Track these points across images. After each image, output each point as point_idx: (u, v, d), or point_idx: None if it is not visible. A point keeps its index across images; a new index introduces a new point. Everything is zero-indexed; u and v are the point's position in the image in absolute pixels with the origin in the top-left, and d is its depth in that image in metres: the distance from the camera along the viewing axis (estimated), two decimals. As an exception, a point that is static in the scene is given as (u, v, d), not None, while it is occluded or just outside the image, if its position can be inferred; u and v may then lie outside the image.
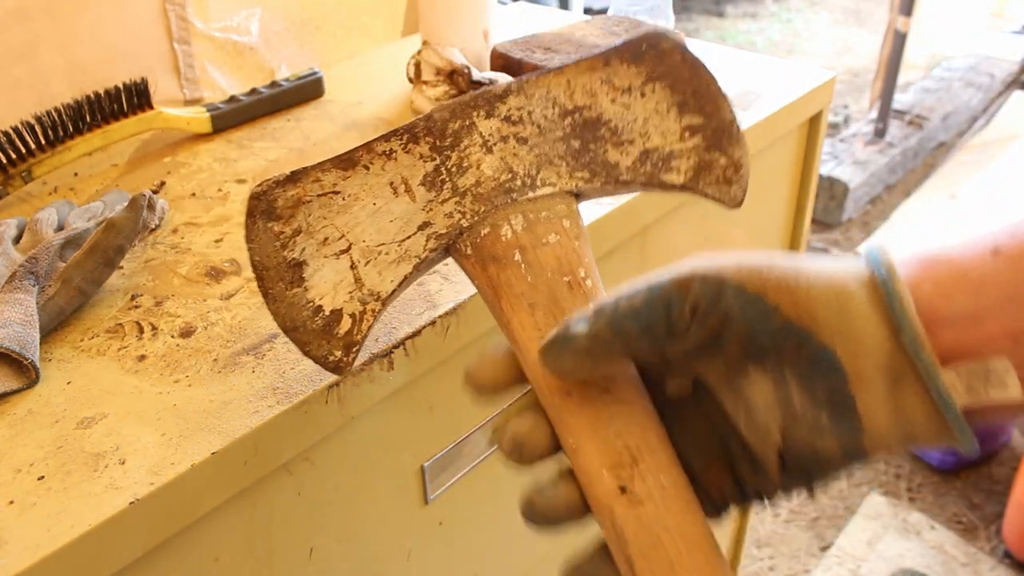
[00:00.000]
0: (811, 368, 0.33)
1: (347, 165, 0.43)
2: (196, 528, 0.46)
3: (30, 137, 0.70)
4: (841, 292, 0.33)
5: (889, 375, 0.33)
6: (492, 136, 0.43)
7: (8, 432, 0.47)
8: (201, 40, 0.87)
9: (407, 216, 0.42)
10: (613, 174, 0.43)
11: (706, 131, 0.44)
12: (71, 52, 0.78)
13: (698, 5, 4.59)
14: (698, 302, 0.33)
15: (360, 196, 0.43)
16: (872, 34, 4.15)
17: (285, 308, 0.43)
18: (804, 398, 0.34)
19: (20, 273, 0.54)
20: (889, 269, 0.33)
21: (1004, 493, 1.84)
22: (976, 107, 3.07)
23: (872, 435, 0.34)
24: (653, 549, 0.34)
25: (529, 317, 0.38)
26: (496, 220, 0.41)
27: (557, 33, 0.86)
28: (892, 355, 0.33)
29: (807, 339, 0.33)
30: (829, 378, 0.33)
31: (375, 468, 0.57)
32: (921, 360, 0.32)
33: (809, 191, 0.95)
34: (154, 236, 0.65)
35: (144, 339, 0.54)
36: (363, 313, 0.43)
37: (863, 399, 0.33)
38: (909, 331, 0.32)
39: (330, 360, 0.43)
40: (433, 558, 0.66)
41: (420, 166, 0.43)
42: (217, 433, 0.46)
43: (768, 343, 0.33)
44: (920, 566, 1.70)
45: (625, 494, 0.34)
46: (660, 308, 0.33)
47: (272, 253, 0.43)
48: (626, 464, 0.35)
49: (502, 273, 0.40)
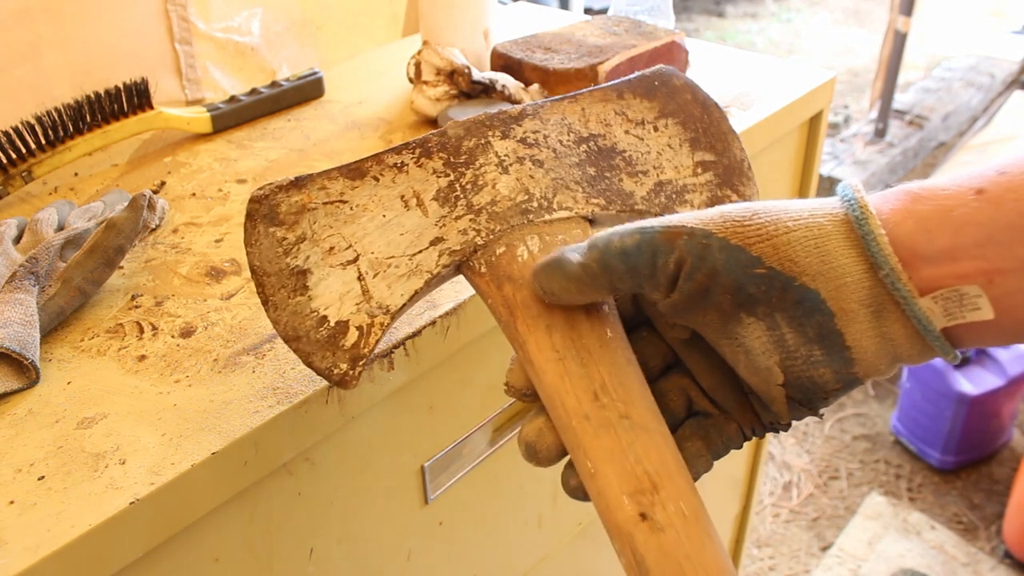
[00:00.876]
0: (798, 310, 0.35)
1: (355, 175, 0.42)
2: (196, 528, 0.46)
3: (30, 137, 0.70)
4: (819, 234, 0.35)
5: (871, 307, 0.35)
6: (508, 156, 0.43)
7: (8, 432, 0.47)
8: (202, 40, 0.87)
9: (419, 230, 0.42)
10: (628, 203, 0.43)
11: (717, 168, 0.45)
12: (73, 53, 0.78)
13: (698, 5, 4.59)
14: (684, 257, 0.35)
15: (369, 207, 0.42)
16: (872, 34, 4.14)
17: (287, 316, 0.41)
18: (796, 337, 0.36)
19: (20, 273, 0.54)
20: (863, 208, 0.35)
21: (1004, 493, 1.84)
22: (976, 107, 3.07)
23: (862, 363, 0.36)
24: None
25: (547, 338, 0.38)
26: (512, 240, 0.41)
27: (557, 33, 0.86)
28: (872, 289, 0.35)
29: (791, 284, 0.35)
30: (816, 317, 0.35)
31: (375, 468, 0.57)
32: (899, 291, 0.34)
33: (809, 191, 0.95)
34: (154, 236, 0.65)
35: (144, 339, 0.54)
36: (371, 326, 0.41)
37: (850, 332, 0.35)
38: (885, 266, 0.34)
39: (335, 373, 0.41)
40: (433, 558, 0.66)
41: (433, 181, 0.42)
42: (217, 433, 0.46)
43: (755, 291, 0.35)
44: (920, 566, 1.70)
45: (646, 521, 0.34)
46: (647, 254, 0.35)
47: (274, 259, 0.41)
48: (647, 491, 0.35)
49: (519, 293, 0.39)
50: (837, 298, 0.35)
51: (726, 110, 0.81)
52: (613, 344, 0.38)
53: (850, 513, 1.84)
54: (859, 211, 0.35)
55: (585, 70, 0.78)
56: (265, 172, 0.73)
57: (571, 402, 0.36)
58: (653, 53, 0.81)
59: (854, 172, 2.63)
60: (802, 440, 2.05)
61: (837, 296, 0.35)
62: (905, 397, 1.96)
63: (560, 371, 0.37)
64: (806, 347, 0.36)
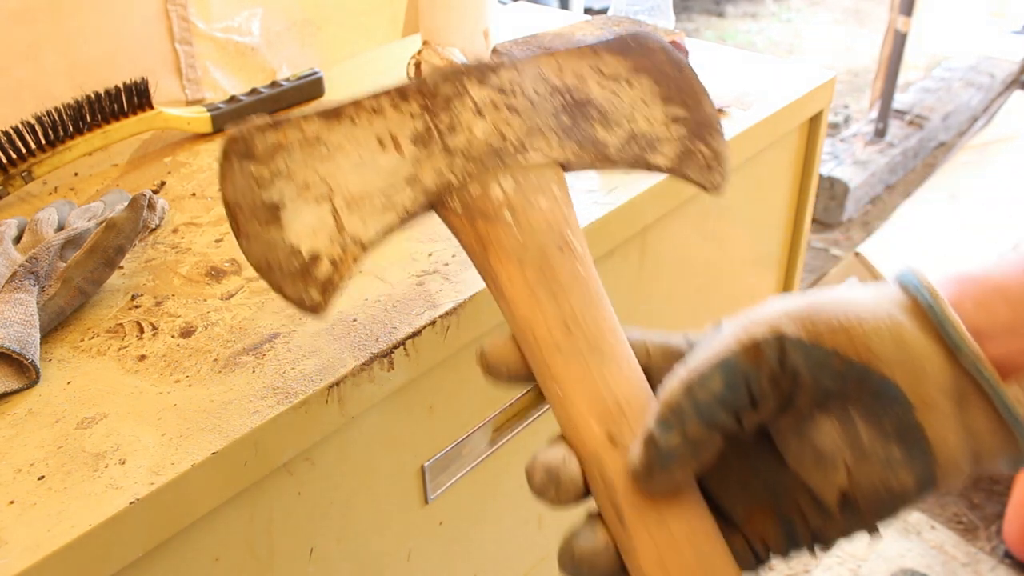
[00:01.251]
0: (875, 402, 0.33)
1: (333, 117, 0.43)
2: (196, 528, 0.46)
3: (30, 137, 0.70)
4: (891, 322, 0.33)
5: (953, 397, 0.33)
6: (484, 103, 0.43)
7: (8, 432, 0.47)
8: (203, 41, 0.87)
9: (394, 170, 0.43)
10: (602, 151, 0.44)
11: (689, 123, 0.46)
12: (73, 53, 0.78)
13: (698, 5, 4.59)
14: (773, 369, 0.33)
15: (344, 147, 0.43)
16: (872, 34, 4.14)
17: (259, 248, 0.41)
18: (872, 434, 0.33)
19: (20, 273, 0.54)
20: (931, 292, 0.33)
21: (1004, 493, 1.84)
22: (976, 107, 3.07)
23: (943, 461, 0.33)
24: (643, 499, 0.34)
25: (519, 272, 0.39)
26: (486, 181, 0.41)
27: (557, 33, 0.86)
28: (953, 377, 0.33)
29: (868, 375, 0.33)
30: (895, 409, 0.33)
31: (375, 468, 0.57)
32: (984, 377, 0.32)
33: (809, 191, 0.95)
34: (154, 236, 0.65)
35: (144, 339, 0.54)
36: (343, 258, 0.42)
37: (931, 426, 0.33)
38: (967, 351, 0.32)
39: (306, 302, 0.42)
40: (433, 558, 0.66)
41: (410, 123, 0.43)
42: (217, 433, 0.46)
43: (832, 386, 0.33)
44: (920, 566, 1.70)
45: (614, 444, 0.35)
46: (742, 388, 0.33)
47: (247, 192, 0.41)
48: (615, 416, 0.35)
49: (492, 230, 0.40)
50: (916, 388, 0.33)
51: (726, 110, 0.81)
52: (585, 279, 0.39)
53: (850, 513, 1.84)
54: (930, 297, 0.33)
55: (585, 70, 0.78)
56: (265, 172, 0.73)
57: (542, 333, 0.37)
58: (653, 53, 0.80)
59: (854, 172, 2.63)
60: (802, 440, 2.05)
61: (916, 386, 0.33)
62: (905, 397, 1.96)
63: (531, 303, 0.38)
64: (884, 445, 0.33)
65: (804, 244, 0.99)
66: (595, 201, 0.67)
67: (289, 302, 0.42)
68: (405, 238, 0.63)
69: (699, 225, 0.82)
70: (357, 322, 0.54)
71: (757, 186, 0.87)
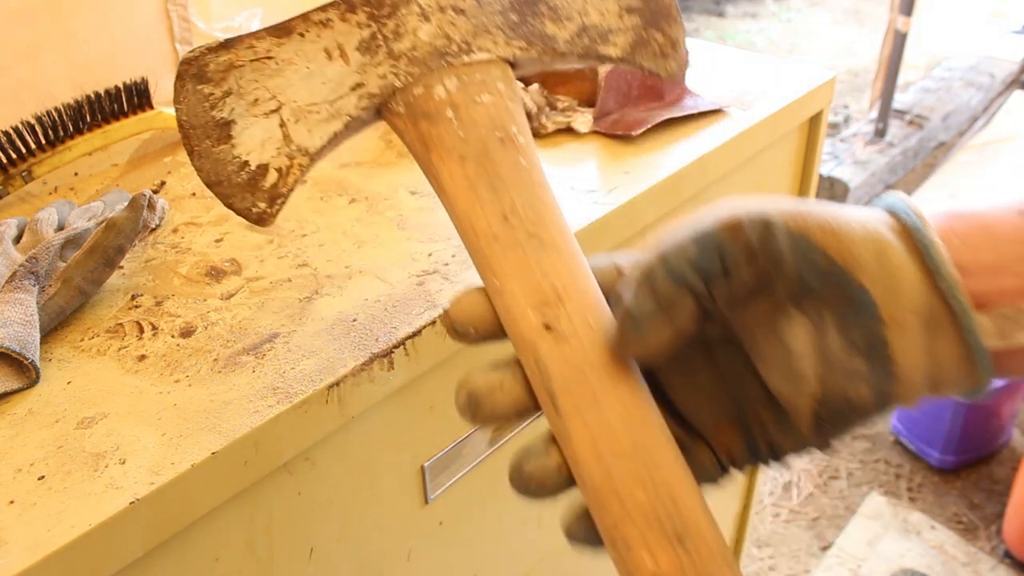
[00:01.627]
0: (849, 311, 0.33)
1: (282, 33, 0.44)
2: (196, 528, 0.46)
3: (30, 137, 0.70)
4: (877, 236, 0.33)
5: (924, 320, 0.33)
6: (430, 6, 0.44)
7: (8, 432, 0.47)
8: (203, 40, 0.87)
9: (340, 79, 0.43)
10: (550, 44, 0.44)
11: (644, 13, 0.46)
12: (74, 53, 0.78)
13: (698, 5, 4.59)
14: (753, 248, 0.32)
15: (294, 61, 0.44)
16: (872, 34, 4.14)
17: (210, 164, 0.43)
18: (841, 343, 0.33)
19: (20, 273, 0.54)
20: (919, 216, 0.33)
21: (1004, 493, 1.84)
22: (976, 107, 3.07)
23: (903, 381, 0.34)
24: (577, 384, 0.34)
25: (460, 168, 0.39)
26: (430, 81, 0.42)
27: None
28: (927, 300, 0.33)
29: (848, 281, 0.33)
30: (866, 322, 0.33)
31: (375, 468, 0.57)
32: (958, 303, 0.32)
33: (809, 191, 0.95)
34: (154, 236, 0.65)
35: (144, 339, 0.54)
36: (290, 167, 0.44)
37: (898, 344, 0.33)
38: (946, 274, 0.32)
39: (253, 211, 0.44)
40: (433, 558, 0.66)
41: (356, 32, 0.43)
42: (217, 433, 0.46)
43: (814, 284, 0.33)
44: (920, 566, 1.70)
45: (550, 331, 0.35)
46: (715, 256, 0.32)
47: (200, 113, 0.43)
48: (551, 303, 0.35)
49: (433, 128, 0.40)
50: (890, 305, 0.33)
51: (726, 110, 0.81)
52: (526, 171, 0.39)
53: (850, 513, 1.84)
54: (917, 220, 0.33)
55: (585, 70, 0.78)
56: (265, 172, 0.73)
57: (481, 225, 0.37)
58: (653, 53, 0.80)
59: (854, 172, 2.63)
60: (802, 440, 2.05)
61: (890, 302, 0.33)
62: (905, 397, 1.96)
63: (471, 198, 0.38)
64: (849, 356, 0.33)
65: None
66: (595, 201, 0.67)
67: (238, 213, 0.44)
68: (405, 238, 0.63)
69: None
70: (357, 322, 0.54)
71: (757, 186, 0.87)
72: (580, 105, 0.79)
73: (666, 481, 0.33)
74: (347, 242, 0.63)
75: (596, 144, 0.76)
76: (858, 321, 0.33)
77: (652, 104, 0.81)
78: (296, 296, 0.57)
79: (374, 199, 0.68)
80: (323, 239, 0.63)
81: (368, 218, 0.66)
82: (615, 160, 0.73)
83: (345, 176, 0.72)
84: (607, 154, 0.74)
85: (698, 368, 0.37)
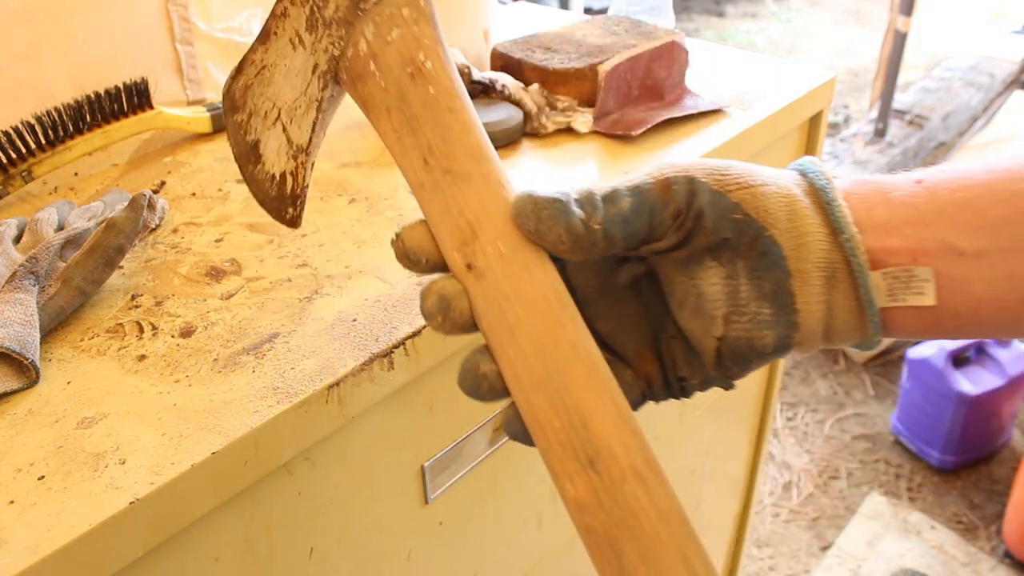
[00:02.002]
0: (760, 262, 0.36)
1: (264, 37, 0.45)
2: (196, 528, 0.46)
3: (30, 137, 0.70)
4: (788, 194, 0.36)
5: (825, 273, 0.36)
6: None
7: (8, 432, 0.47)
8: (203, 41, 0.87)
9: (304, 66, 0.44)
10: None
11: None
12: (74, 54, 0.78)
13: (698, 5, 4.59)
14: (679, 208, 0.35)
15: (276, 62, 0.45)
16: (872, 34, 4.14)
17: (255, 186, 0.46)
18: (750, 291, 0.36)
19: (20, 273, 0.54)
20: (826, 177, 0.37)
21: (1004, 493, 1.84)
22: (976, 107, 3.07)
23: (803, 329, 0.37)
24: (497, 320, 0.35)
25: (388, 121, 0.40)
26: (354, 39, 0.42)
27: (557, 33, 0.86)
28: (829, 256, 0.36)
29: (761, 233, 0.36)
30: (775, 273, 0.36)
31: (375, 468, 0.57)
32: (856, 260, 0.35)
33: (809, 191, 0.94)
34: (154, 236, 0.65)
35: (144, 339, 0.54)
36: (296, 169, 0.46)
37: (801, 294, 0.36)
38: (847, 231, 0.35)
39: (287, 218, 0.47)
40: (433, 558, 0.66)
41: (302, 13, 0.44)
42: (217, 433, 0.46)
43: (729, 236, 0.36)
44: (920, 566, 1.70)
45: (471, 270, 0.36)
46: (645, 215, 0.35)
47: (239, 141, 0.46)
48: (468, 240, 0.36)
49: (365, 88, 0.41)
50: (797, 258, 0.36)
51: (726, 110, 0.81)
52: (435, 100, 0.39)
53: (850, 513, 1.84)
54: (824, 180, 0.36)
55: (585, 70, 0.78)
56: (265, 172, 0.73)
57: (412, 175, 0.38)
58: (653, 53, 0.81)
59: (854, 172, 2.63)
60: (802, 440, 2.05)
61: (797, 256, 0.36)
62: (905, 397, 1.96)
63: (400, 149, 0.39)
64: (757, 303, 0.36)
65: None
66: (595, 201, 0.67)
67: (283, 223, 0.47)
68: (405, 238, 0.63)
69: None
70: (357, 322, 0.54)
71: (757, 186, 0.87)
72: (580, 105, 0.79)
73: (577, 405, 0.34)
74: (347, 242, 0.63)
75: (596, 144, 0.76)
76: (768, 273, 0.36)
77: (652, 104, 0.81)
78: (296, 296, 0.57)
79: (374, 199, 0.68)
80: (323, 239, 0.63)
81: (368, 218, 0.66)
82: (615, 160, 0.73)
83: (345, 176, 0.72)
84: (607, 154, 0.74)
85: (624, 300, 0.40)
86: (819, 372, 2.24)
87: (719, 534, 1.19)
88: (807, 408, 2.13)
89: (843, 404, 2.14)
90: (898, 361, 2.14)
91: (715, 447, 1.03)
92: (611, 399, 0.35)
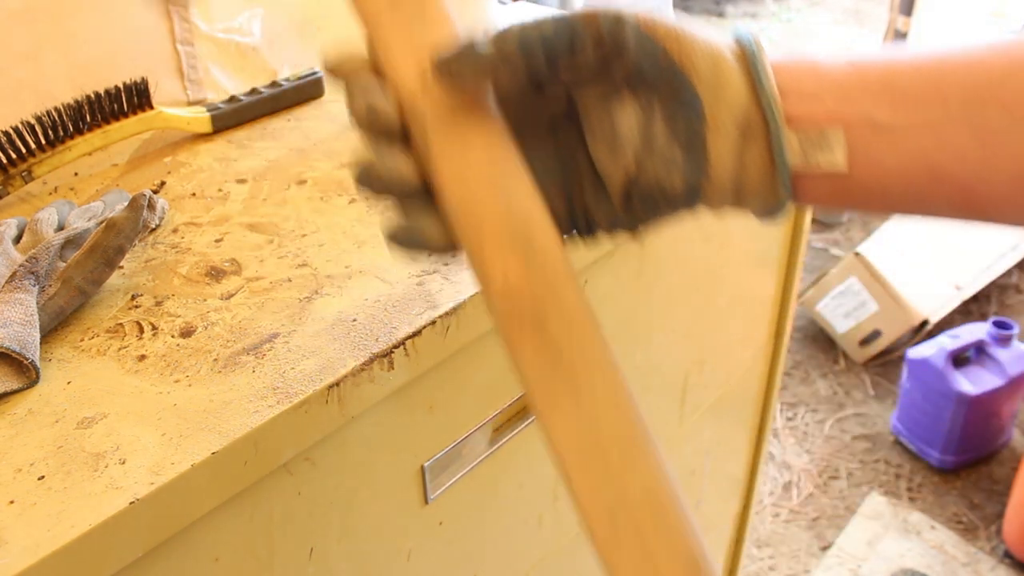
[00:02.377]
0: (678, 107, 0.37)
1: None
2: (196, 528, 0.46)
3: (30, 137, 0.70)
4: (715, 51, 0.37)
5: (741, 127, 0.37)
6: None
7: (8, 432, 0.47)
8: (204, 41, 0.87)
9: None
10: None
11: None
12: (74, 54, 0.78)
13: (698, 5, 4.59)
14: (601, 35, 0.36)
15: None
16: (872, 34, 4.15)
17: None
18: (665, 132, 0.37)
19: (20, 273, 0.54)
20: (757, 43, 0.38)
21: (1004, 493, 1.84)
22: (976, 107, 3.06)
23: (713, 180, 0.38)
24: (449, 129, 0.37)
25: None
26: None
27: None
28: (747, 112, 0.37)
29: (681, 80, 0.37)
30: (691, 118, 0.37)
31: (375, 468, 0.57)
32: (773, 115, 0.36)
33: (809, 191, 0.94)
34: (154, 236, 0.65)
35: (144, 339, 0.54)
36: None
37: (714, 145, 0.37)
38: (768, 90, 0.37)
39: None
40: (433, 558, 0.66)
41: None
42: (217, 433, 0.46)
43: (650, 74, 0.37)
44: (920, 566, 1.70)
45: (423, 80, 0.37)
46: (566, 36, 0.36)
47: None
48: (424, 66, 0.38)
49: None
50: (715, 109, 0.37)
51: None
52: None
53: (850, 513, 1.84)
54: (754, 45, 0.38)
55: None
56: (265, 172, 0.73)
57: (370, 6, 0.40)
58: (653, 53, 0.80)
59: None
60: (802, 440, 2.05)
61: (715, 107, 0.37)
62: (905, 397, 1.96)
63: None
64: (670, 146, 0.37)
65: (804, 244, 1.00)
66: (595, 201, 0.67)
67: None
68: (405, 238, 0.63)
69: (699, 225, 0.82)
70: (357, 322, 0.54)
71: (757, 186, 0.87)
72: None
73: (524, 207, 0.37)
74: (347, 242, 0.63)
75: (596, 144, 0.76)
76: (684, 117, 0.37)
77: (652, 104, 0.81)
78: (296, 296, 0.57)
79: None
80: (323, 239, 0.63)
81: (368, 218, 0.66)
82: (615, 160, 0.73)
83: (345, 176, 0.72)
84: (607, 154, 0.74)
85: (540, 136, 0.41)
86: (819, 372, 2.24)
87: (719, 534, 1.19)
88: (807, 408, 2.13)
89: (843, 404, 2.14)
90: (898, 361, 2.15)
91: (715, 447, 1.03)
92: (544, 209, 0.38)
